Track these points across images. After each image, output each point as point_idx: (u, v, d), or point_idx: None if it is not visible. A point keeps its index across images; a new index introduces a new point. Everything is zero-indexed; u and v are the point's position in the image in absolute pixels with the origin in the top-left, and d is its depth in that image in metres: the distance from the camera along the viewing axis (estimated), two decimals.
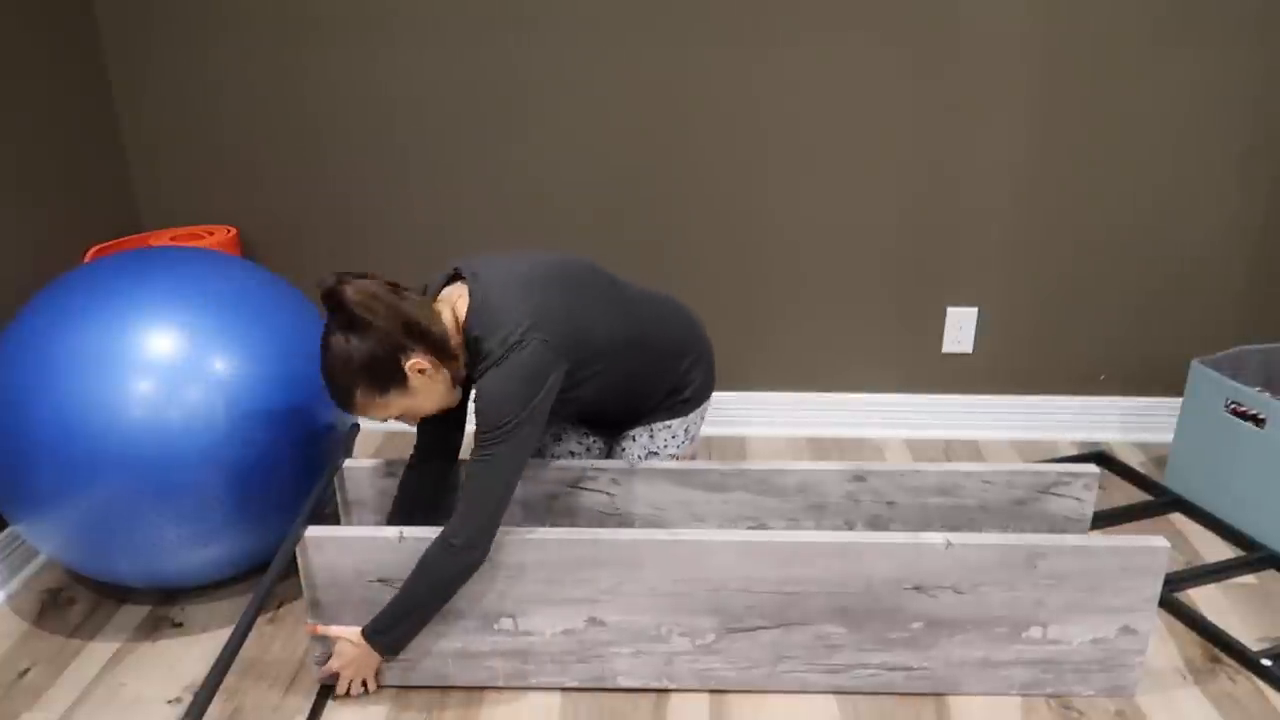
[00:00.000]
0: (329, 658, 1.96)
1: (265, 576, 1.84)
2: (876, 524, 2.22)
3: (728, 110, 2.73)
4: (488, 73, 2.72)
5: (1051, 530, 2.22)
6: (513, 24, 2.67)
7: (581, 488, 2.21)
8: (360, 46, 2.70)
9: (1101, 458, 2.87)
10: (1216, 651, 2.10)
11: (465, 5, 2.65)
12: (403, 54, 2.71)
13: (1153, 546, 1.82)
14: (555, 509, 2.23)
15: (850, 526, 2.23)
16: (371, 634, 1.88)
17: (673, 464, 2.20)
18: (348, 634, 1.91)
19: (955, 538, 1.83)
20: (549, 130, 2.78)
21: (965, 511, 2.22)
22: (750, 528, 2.24)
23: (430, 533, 1.86)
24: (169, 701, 1.99)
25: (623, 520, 2.24)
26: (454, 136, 2.79)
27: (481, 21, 2.67)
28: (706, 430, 3.01)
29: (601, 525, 2.24)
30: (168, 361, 1.98)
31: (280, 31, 2.70)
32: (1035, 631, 1.89)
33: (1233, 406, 2.45)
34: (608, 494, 2.21)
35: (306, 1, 2.67)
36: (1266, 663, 2.03)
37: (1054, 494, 2.20)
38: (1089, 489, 2.18)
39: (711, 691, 2.00)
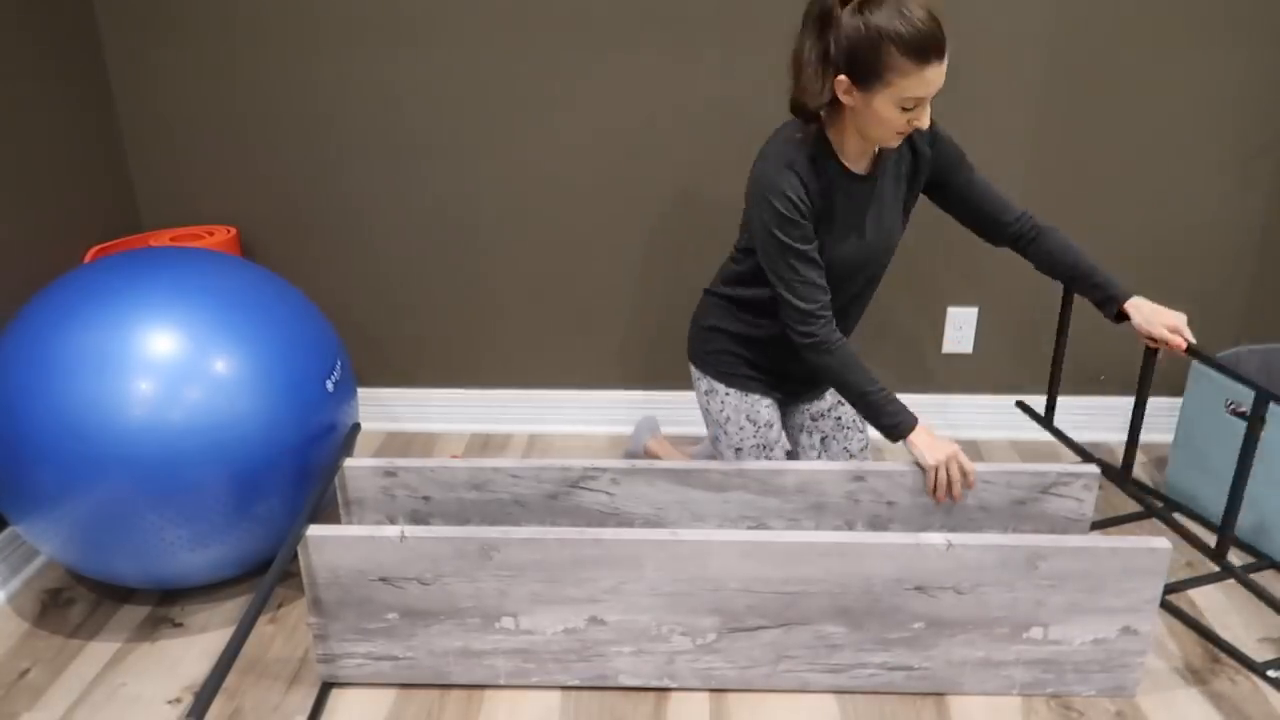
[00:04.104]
0: (330, 658, 1.97)
1: (267, 575, 1.84)
2: (876, 524, 2.22)
3: (729, 109, 2.73)
4: (489, 73, 2.72)
5: (1052, 530, 2.23)
6: (513, 25, 2.67)
7: (582, 488, 2.21)
8: (361, 47, 2.71)
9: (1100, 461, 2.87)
10: (1216, 652, 2.10)
11: (465, 7, 2.65)
12: (404, 55, 2.71)
13: (1153, 548, 1.82)
14: (556, 509, 2.23)
15: (850, 526, 2.23)
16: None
17: (673, 463, 2.20)
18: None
19: (956, 538, 1.83)
20: (551, 130, 2.78)
21: (965, 511, 2.22)
22: (750, 527, 2.24)
23: (430, 532, 1.86)
24: (169, 701, 1.99)
25: (622, 520, 2.24)
26: (456, 136, 2.80)
27: (482, 22, 2.67)
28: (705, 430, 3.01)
29: (602, 525, 2.24)
30: (168, 361, 1.97)
31: (281, 32, 2.70)
32: (1036, 632, 1.90)
33: (1233, 406, 2.45)
34: (608, 494, 2.22)
35: (306, 5, 2.67)
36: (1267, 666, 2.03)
37: (1054, 494, 2.20)
38: (1089, 489, 2.18)
39: (712, 691, 2.00)
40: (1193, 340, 2.02)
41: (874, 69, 1.79)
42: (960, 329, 2.94)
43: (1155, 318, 2.06)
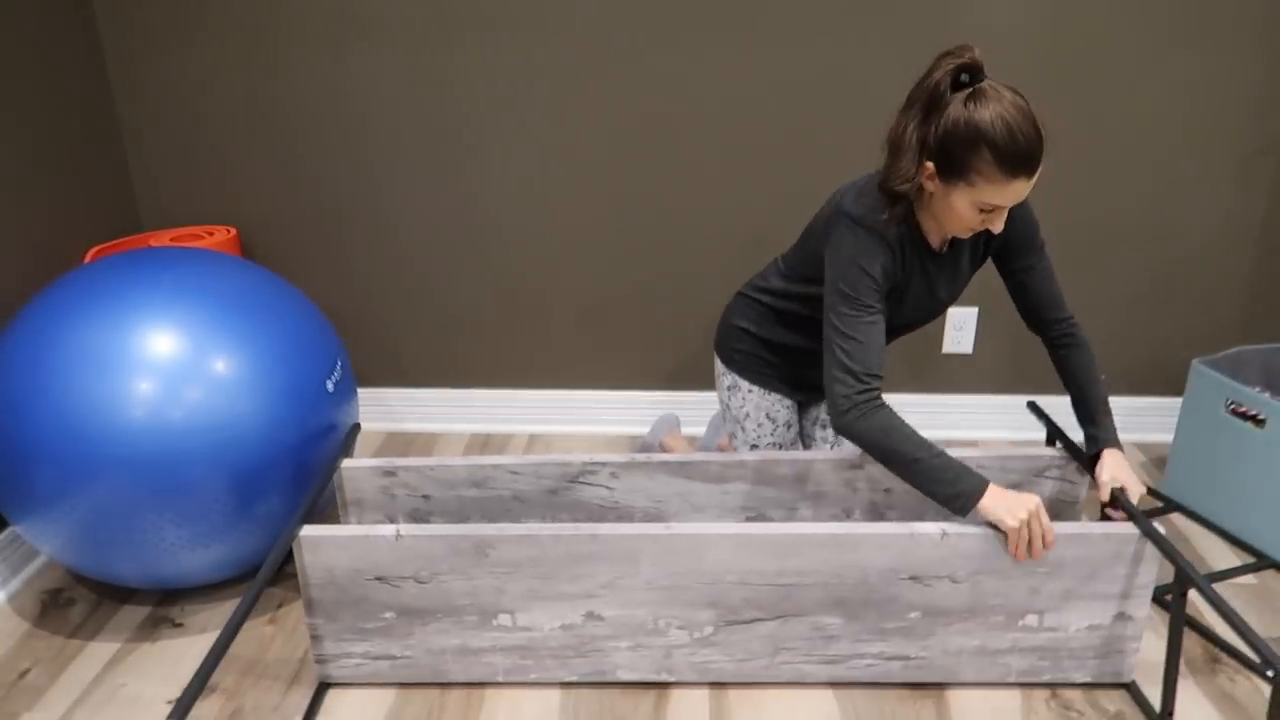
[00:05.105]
0: (327, 658, 1.97)
1: (258, 576, 1.82)
2: (873, 511, 2.23)
3: (724, 111, 2.73)
4: (485, 75, 2.73)
5: (1046, 513, 2.22)
6: (509, 26, 2.68)
7: (582, 482, 2.22)
8: (360, 50, 2.72)
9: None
10: (1216, 651, 2.10)
11: (463, 8, 2.66)
12: (402, 57, 2.72)
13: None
14: (556, 504, 2.24)
15: (848, 514, 2.23)
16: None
17: (671, 456, 2.21)
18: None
19: (950, 527, 1.83)
20: (552, 130, 2.79)
21: None
22: (749, 518, 2.24)
23: (425, 530, 1.87)
24: (169, 702, 1.99)
25: (623, 514, 2.24)
26: (451, 138, 2.80)
27: (479, 24, 2.68)
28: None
29: (601, 519, 2.25)
30: (168, 361, 1.98)
31: (281, 33, 2.71)
32: (1031, 619, 1.90)
33: (1233, 406, 2.45)
34: (607, 488, 2.22)
35: (307, 4, 2.68)
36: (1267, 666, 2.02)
37: (1047, 477, 2.21)
38: (1082, 471, 2.19)
39: (711, 685, 2.00)
40: (1128, 510, 1.94)
41: (961, 165, 1.77)
42: (960, 329, 2.94)
43: (1114, 472, 2.00)
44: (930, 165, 1.81)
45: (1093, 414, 2.09)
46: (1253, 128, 2.69)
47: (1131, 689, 1.96)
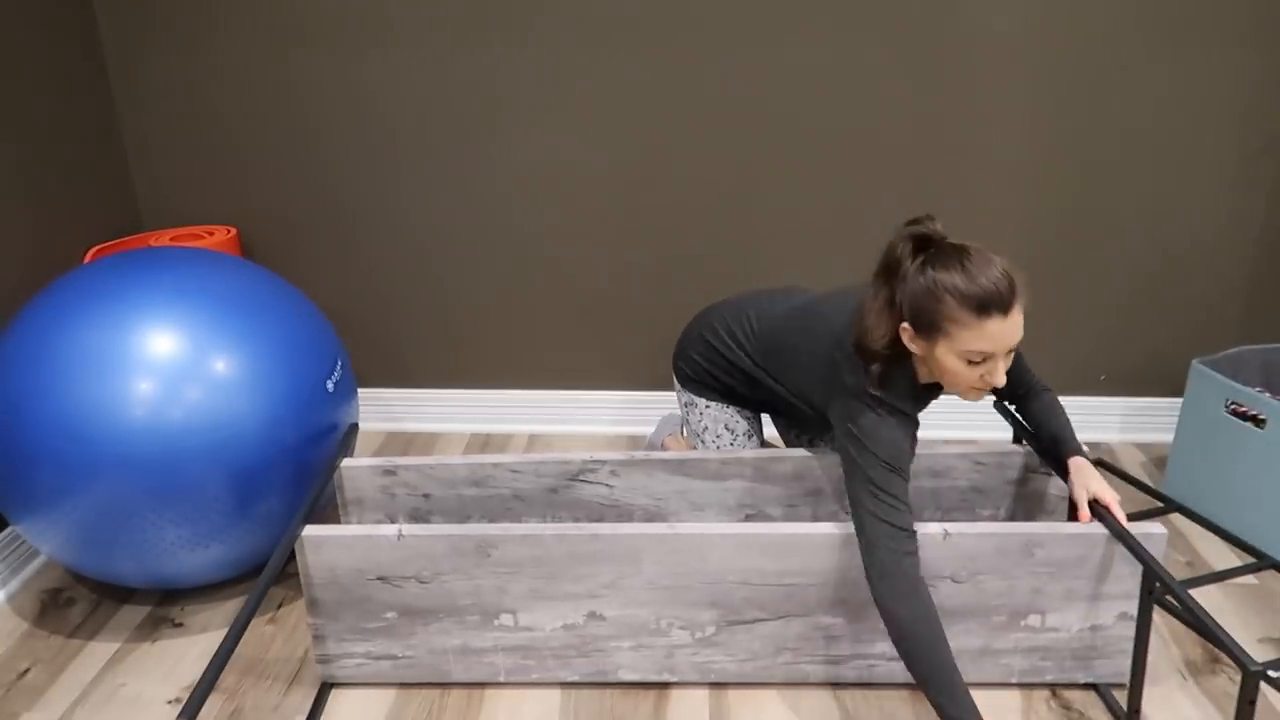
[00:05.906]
0: (329, 658, 1.97)
1: (262, 576, 1.82)
2: None
3: (726, 111, 2.73)
4: (484, 75, 2.73)
5: (1044, 509, 2.24)
6: (508, 26, 2.68)
7: (581, 480, 2.22)
8: (359, 49, 2.72)
9: (1101, 463, 2.86)
10: (1216, 652, 2.09)
11: (462, 8, 2.66)
12: (401, 56, 2.72)
13: (1149, 533, 1.82)
14: (556, 503, 2.24)
15: (847, 512, 2.23)
16: None
17: (670, 454, 2.21)
18: None
19: (953, 527, 1.83)
20: (551, 131, 2.79)
21: (958, 493, 2.23)
22: (748, 515, 2.25)
23: (427, 530, 1.86)
24: (169, 702, 1.99)
25: (623, 512, 2.25)
26: (451, 137, 2.80)
27: (477, 24, 2.68)
28: None
29: (601, 517, 2.25)
30: (168, 361, 1.98)
31: (280, 33, 2.72)
32: (1034, 619, 1.90)
33: (1233, 406, 2.45)
34: (607, 486, 2.22)
35: (306, 4, 2.68)
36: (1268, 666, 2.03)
37: (1044, 473, 2.21)
38: (1049, 473, 2.20)
39: (712, 685, 2.00)
40: (1119, 515, 1.88)
41: (933, 318, 1.77)
42: None
43: (1086, 482, 1.96)
44: (908, 326, 1.81)
45: (1056, 435, 2.07)
46: (1252, 128, 2.69)
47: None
